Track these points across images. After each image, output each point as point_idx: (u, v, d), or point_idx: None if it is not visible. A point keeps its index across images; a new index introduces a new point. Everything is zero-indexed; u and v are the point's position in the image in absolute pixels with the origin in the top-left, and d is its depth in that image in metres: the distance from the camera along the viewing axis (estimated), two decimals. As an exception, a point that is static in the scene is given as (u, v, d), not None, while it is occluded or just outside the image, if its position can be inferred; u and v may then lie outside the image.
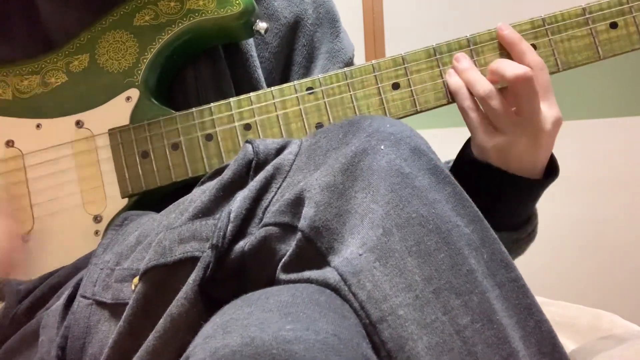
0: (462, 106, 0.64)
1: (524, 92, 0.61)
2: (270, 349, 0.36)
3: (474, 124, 0.63)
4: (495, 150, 0.63)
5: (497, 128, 0.63)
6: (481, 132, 0.63)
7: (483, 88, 0.62)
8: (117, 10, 0.71)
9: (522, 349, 0.40)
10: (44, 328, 0.57)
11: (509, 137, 0.62)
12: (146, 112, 0.69)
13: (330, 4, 0.84)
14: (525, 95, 0.61)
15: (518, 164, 0.63)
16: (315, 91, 0.67)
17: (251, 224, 0.48)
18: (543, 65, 0.63)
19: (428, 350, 0.39)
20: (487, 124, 0.63)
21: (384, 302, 0.40)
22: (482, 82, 0.63)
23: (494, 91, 0.62)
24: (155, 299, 0.49)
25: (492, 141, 0.63)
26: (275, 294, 0.42)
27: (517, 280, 0.43)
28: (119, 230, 0.61)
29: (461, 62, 0.66)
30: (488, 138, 0.63)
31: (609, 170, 1.78)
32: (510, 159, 0.63)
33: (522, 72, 0.60)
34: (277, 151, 0.51)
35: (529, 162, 0.64)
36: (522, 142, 0.62)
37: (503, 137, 0.62)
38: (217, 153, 0.67)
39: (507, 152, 0.62)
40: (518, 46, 0.64)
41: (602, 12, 0.66)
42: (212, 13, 0.69)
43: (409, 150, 0.45)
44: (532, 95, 0.61)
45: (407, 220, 0.42)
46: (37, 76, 0.70)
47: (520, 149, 0.62)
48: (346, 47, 0.83)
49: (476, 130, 0.63)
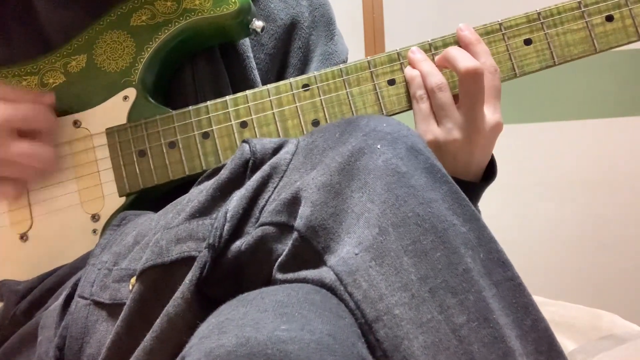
0: (414, 95, 0.65)
1: (470, 87, 0.62)
2: (265, 349, 0.36)
3: (421, 113, 0.65)
4: (432, 145, 0.63)
5: (438, 122, 0.64)
6: (424, 123, 0.64)
7: (436, 79, 0.64)
8: (114, 10, 0.71)
9: (518, 348, 0.40)
10: (42, 328, 0.57)
11: (447, 132, 0.63)
12: (143, 111, 0.69)
13: (326, 6, 0.84)
14: (471, 90, 0.62)
15: (452, 162, 0.64)
16: (311, 88, 0.67)
17: (248, 224, 0.48)
18: (495, 70, 0.64)
19: (424, 350, 0.39)
20: (432, 116, 0.64)
21: (380, 301, 0.40)
22: (436, 74, 0.64)
23: (445, 84, 0.64)
24: (152, 299, 0.49)
25: (431, 133, 0.64)
26: (271, 294, 0.42)
27: (513, 279, 0.42)
28: (116, 230, 0.61)
29: (416, 54, 0.67)
30: (428, 130, 0.64)
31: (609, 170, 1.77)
32: (445, 156, 0.64)
33: (474, 66, 0.61)
34: (274, 150, 0.51)
35: (463, 162, 0.64)
36: (458, 140, 0.63)
37: (441, 131, 0.63)
38: (214, 151, 0.67)
39: (443, 149, 0.63)
40: (474, 47, 0.65)
41: (598, 5, 0.66)
42: (209, 12, 0.69)
43: (406, 150, 0.45)
44: (477, 92, 0.62)
45: (403, 219, 0.42)
46: (35, 77, 0.70)
47: (456, 147, 0.63)
48: (340, 50, 0.83)
49: (420, 120, 0.65)
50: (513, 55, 0.67)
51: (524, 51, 0.67)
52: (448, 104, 0.63)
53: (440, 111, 0.63)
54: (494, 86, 0.64)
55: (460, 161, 0.64)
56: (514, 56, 0.67)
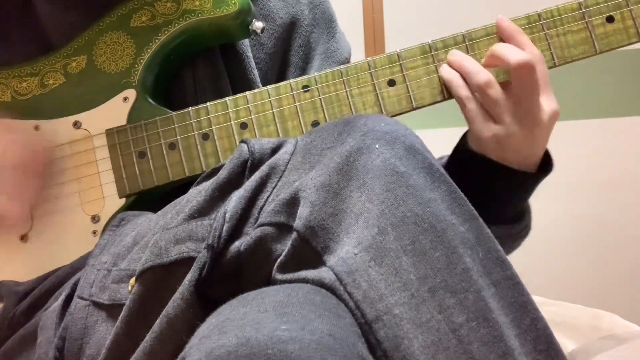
0: (459, 96, 0.64)
1: (525, 80, 0.60)
2: (266, 349, 0.36)
3: (472, 113, 0.63)
4: (493, 142, 0.62)
5: (494, 118, 0.62)
6: (479, 122, 0.62)
7: (482, 77, 0.62)
8: (114, 11, 0.71)
9: (517, 347, 0.40)
10: (42, 329, 0.57)
11: (507, 127, 0.61)
12: (143, 112, 0.69)
13: (327, 4, 0.84)
14: (527, 83, 0.60)
15: (515, 156, 0.63)
16: (311, 89, 0.67)
17: (247, 224, 0.48)
18: (542, 58, 0.63)
19: (423, 349, 0.39)
20: (485, 113, 0.62)
21: (380, 301, 0.40)
22: (481, 71, 0.62)
23: (492, 80, 0.62)
24: (151, 299, 0.49)
25: (489, 131, 0.62)
26: (271, 294, 0.42)
27: (512, 278, 0.42)
28: (116, 230, 0.61)
29: (455, 54, 0.65)
30: (485, 128, 0.62)
31: (609, 170, 1.77)
32: (507, 150, 0.62)
33: (526, 59, 0.60)
34: (273, 151, 0.51)
35: (525, 155, 0.63)
36: (519, 133, 0.61)
37: (501, 127, 0.62)
38: (214, 152, 0.67)
39: (504, 144, 0.62)
40: (518, 38, 0.64)
41: (598, 6, 0.66)
42: (208, 13, 0.69)
43: (404, 149, 0.45)
44: (533, 84, 0.60)
45: (402, 219, 0.42)
46: (35, 78, 0.70)
47: (518, 140, 0.62)
48: (342, 47, 0.83)
49: (474, 120, 0.63)
50: None
51: None
52: (502, 99, 0.61)
53: (495, 107, 0.61)
54: (545, 74, 0.62)
55: (523, 153, 0.63)
56: None
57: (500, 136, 0.62)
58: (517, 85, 0.61)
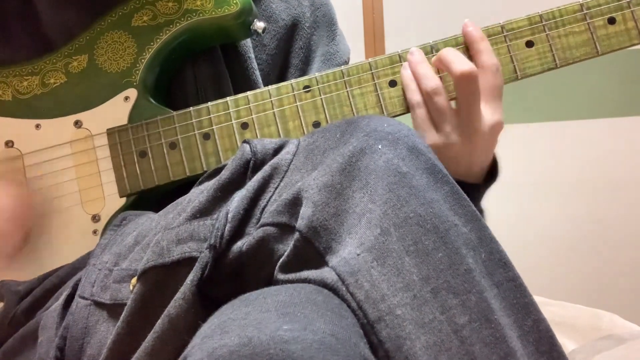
0: (411, 102, 0.64)
1: (465, 90, 0.61)
2: (268, 349, 0.36)
3: (418, 120, 0.64)
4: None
5: (436, 127, 0.63)
6: (422, 130, 0.63)
7: (430, 83, 0.63)
8: (116, 11, 0.71)
9: (519, 348, 0.40)
10: (42, 329, 0.57)
11: (446, 137, 0.62)
12: (144, 112, 0.69)
13: (328, 6, 0.84)
14: (466, 93, 0.61)
15: (454, 165, 0.62)
16: (312, 89, 0.67)
17: (249, 224, 0.48)
18: (497, 68, 0.63)
19: (426, 350, 0.39)
20: (431, 121, 0.63)
21: (382, 301, 0.40)
22: (431, 77, 0.63)
23: (440, 88, 0.62)
24: (153, 299, 0.49)
25: (429, 140, 0.63)
26: (273, 294, 0.42)
27: (514, 280, 0.43)
28: (117, 230, 0.61)
29: (414, 55, 0.66)
30: (427, 136, 0.63)
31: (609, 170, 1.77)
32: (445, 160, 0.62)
33: (468, 70, 0.61)
34: (275, 151, 0.51)
35: (465, 165, 0.64)
36: (458, 143, 0.62)
37: (440, 136, 0.62)
38: (215, 151, 0.67)
39: (443, 154, 0.62)
40: (477, 44, 0.64)
41: (600, 8, 0.66)
42: (210, 13, 0.69)
43: (407, 150, 0.45)
44: (473, 95, 0.61)
45: (404, 219, 0.42)
46: (36, 77, 0.70)
47: (456, 150, 0.62)
48: (342, 50, 0.83)
49: (418, 127, 0.64)
50: (515, 57, 0.67)
51: (526, 54, 0.67)
52: (445, 108, 0.62)
53: (438, 116, 0.62)
54: (494, 85, 0.63)
55: (462, 163, 0.63)
56: (516, 59, 0.67)
57: (439, 145, 0.62)
58: (458, 94, 0.62)
